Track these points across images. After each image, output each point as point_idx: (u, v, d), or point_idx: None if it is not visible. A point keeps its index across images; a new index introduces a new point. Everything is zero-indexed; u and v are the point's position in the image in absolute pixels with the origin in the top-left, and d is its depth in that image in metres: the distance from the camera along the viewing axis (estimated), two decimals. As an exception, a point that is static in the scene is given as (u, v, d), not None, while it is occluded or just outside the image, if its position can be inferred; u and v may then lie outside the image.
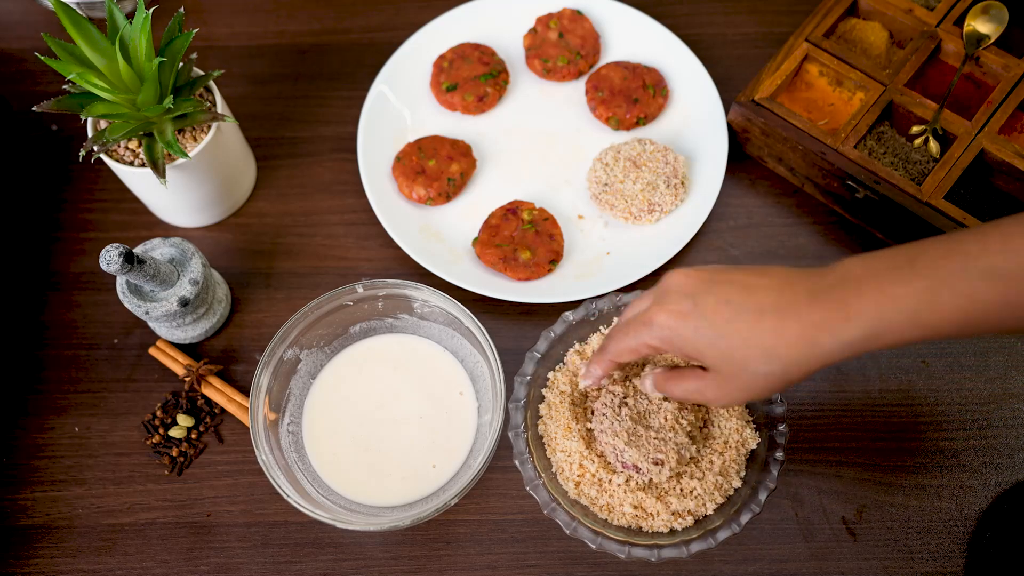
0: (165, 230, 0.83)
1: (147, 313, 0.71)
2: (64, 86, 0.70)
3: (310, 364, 0.73)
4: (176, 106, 0.69)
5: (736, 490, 0.66)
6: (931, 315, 0.49)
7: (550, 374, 0.71)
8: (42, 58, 0.66)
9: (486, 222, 0.80)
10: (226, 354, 0.78)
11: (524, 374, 0.69)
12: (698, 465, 0.66)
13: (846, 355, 0.51)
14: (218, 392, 0.75)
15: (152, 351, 0.77)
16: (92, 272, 0.81)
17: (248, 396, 0.73)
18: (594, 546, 0.64)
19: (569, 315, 0.71)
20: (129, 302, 0.71)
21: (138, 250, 0.72)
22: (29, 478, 0.73)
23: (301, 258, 0.82)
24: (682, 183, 0.80)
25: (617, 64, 0.86)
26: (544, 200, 0.82)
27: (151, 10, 0.69)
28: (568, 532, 0.64)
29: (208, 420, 0.75)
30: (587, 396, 0.69)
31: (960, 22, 0.79)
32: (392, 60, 0.87)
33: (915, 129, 0.77)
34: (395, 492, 0.70)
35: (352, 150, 0.85)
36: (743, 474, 0.67)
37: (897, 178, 0.74)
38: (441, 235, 0.81)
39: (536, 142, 0.85)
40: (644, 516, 0.65)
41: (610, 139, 0.85)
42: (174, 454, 0.73)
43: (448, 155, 0.82)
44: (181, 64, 0.72)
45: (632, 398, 0.66)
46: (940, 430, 0.72)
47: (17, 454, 0.74)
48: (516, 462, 0.66)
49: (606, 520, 0.66)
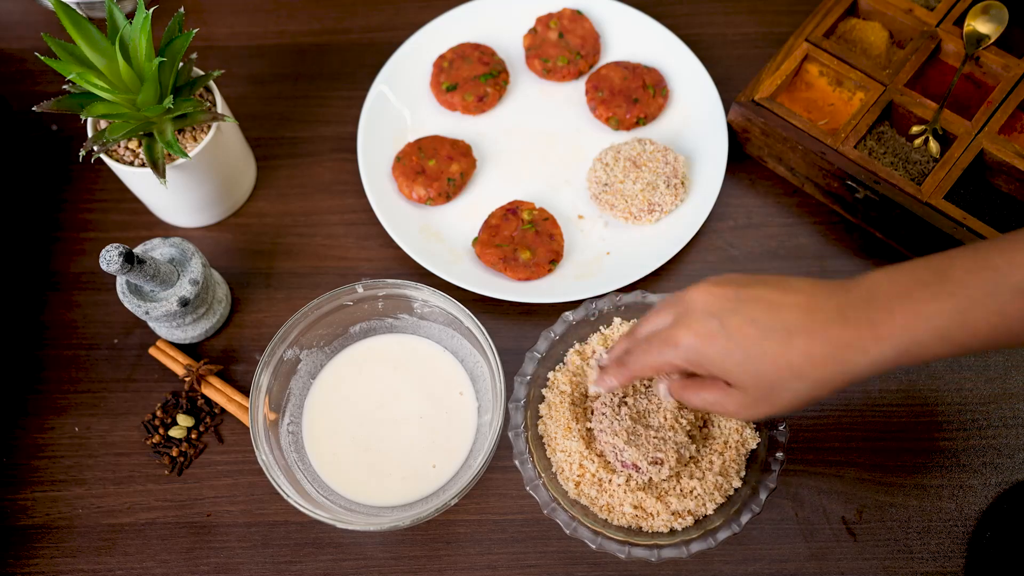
0: (165, 230, 0.83)
1: (147, 313, 0.71)
2: (64, 86, 0.70)
3: (310, 364, 0.73)
4: (176, 106, 0.69)
5: (736, 490, 0.66)
6: (962, 333, 0.50)
7: (550, 374, 0.71)
8: (42, 58, 0.66)
9: (486, 222, 0.80)
10: (226, 354, 0.78)
11: (524, 374, 0.69)
12: (698, 465, 0.66)
13: (875, 372, 0.52)
14: (218, 392, 0.75)
15: (152, 351, 0.77)
16: (92, 272, 0.81)
17: (248, 396, 0.73)
18: (594, 546, 0.64)
19: (569, 315, 0.71)
20: (129, 302, 0.71)
21: (138, 250, 0.72)
22: (29, 478, 0.73)
23: (301, 258, 0.82)
24: (682, 183, 0.80)
25: (617, 64, 0.86)
26: (544, 200, 0.82)
27: (151, 10, 0.69)
28: (568, 532, 0.64)
29: (208, 420, 0.75)
30: (587, 396, 0.69)
31: (960, 22, 0.79)
32: (392, 60, 0.87)
33: (915, 129, 0.77)
34: (395, 492, 0.70)
35: (352, 150, 0.85)
36: (743, 474, 0.67)
37: (897, 178, 0.74)
38: (441, 235, 0.81)
39: (536, 142, 0.85)
40: (644, 516, 0.65)
41: (610, 139, 0.85)
42: (174, 454, 0.73)
43: (448, 155, 0.82)
44: (181, 64, 0.72)
45: (632, 397, 0.67)
46: (940, 430, 0.72)
47: (17, 454, 0.74)
48: (516, 462, 0.66)
49: (606, 520, 0.66)
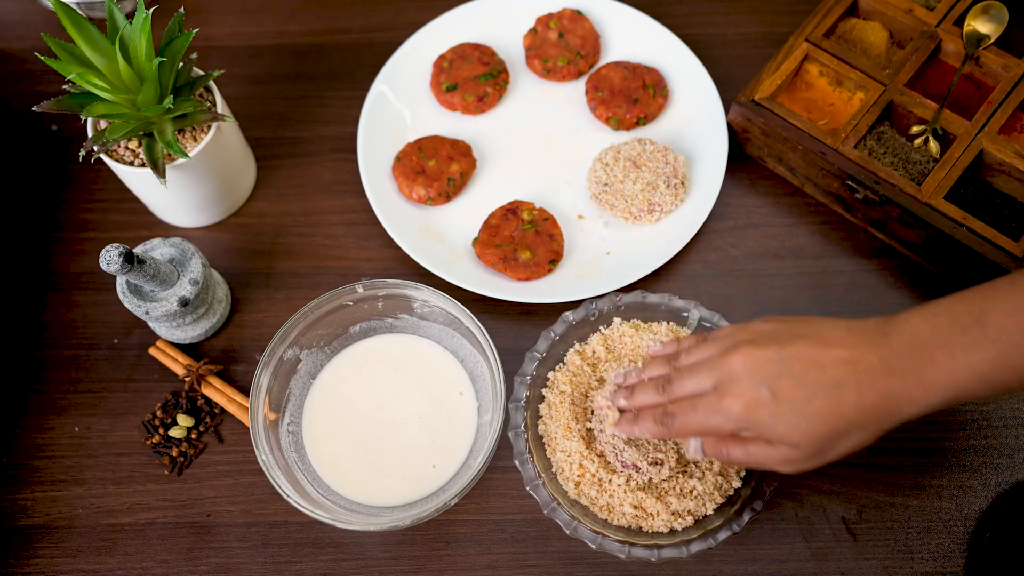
0: (165, 230, 0.83)
1: (147, 313, 0.71)
2: (64, 86, 0.70)
3: (310, 364, 0.73)
4: (176, 106, 0.69)
5: (736, 490, 0.66)
6: (1004, 376, 0.52)
7: (550, 374, 0.71)
8: (42, 58, 0.66)
9: (486, 222, 0.80)
10: (226, 354, 0.78)
11: (524, 374, 0.69)
12: (698, 465, 0.66)
13: (924, 415, 0.54)
14: (218, 392, 0.75)
15: (152, 351, 0.77)
16: (92, 272, 0.81)
17: (248, 396, 0.73)
18: (594, 546, 0.64)
19: (569, 315, 0.71)
20: (129, 302, 0.71)
21: (138, 250, 0.72)
22: (29, 478, 0.73)
23: (301, 258, 0.82)
24: (682, 183, 0.80)
25: (617, 64, 0.86)
26: (544, 200, 0.82)
27: (151, 10, 0.69)
28: (568, 532, 0.64)
29: (208, 420, 0.75)
30: (587, 396, 0.69)
31: (960, 22, 0.79)
32: (392, 60, 0.87)
33: (915, 129, 0.77)
34: (395, 492, 0.70)
35: (352, 150, 0.85)
36: (743, 474, 0.67)
37: (897, 178, 0.74)
38: (441, 235, 0.81)
39: (536, 142, 0.85)
40: (644, 516, 0.65)
41: (610, 139, 0.85)
42: (174, 454, 0.73)
43: (448, 155, 0.82)
44: (181, 64, 0.72)
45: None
46: (940, 430, 0.72)
47: (17, 454, 0.74)
48: (516, 462, 0.66)
49: (606, 520, 0.66)
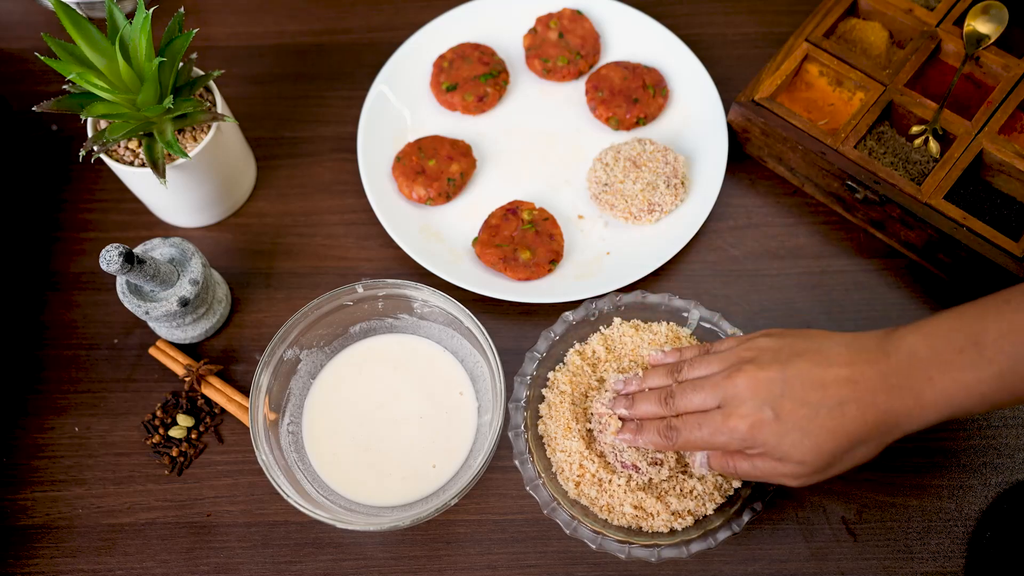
0: (165, 230, 0.83)
1: (147, 313, 0.71)
2: (64, 86, 0.70)
3: (310, 364, 0.73)
4: (176, 106, 0.69)
5: (736, 490, 0.66)
6: (999, 395, 0.54)
7: (550, 374, 0.71)
8: (42, 58, 0.66)
9: (486, 222, 0.80)
10: (226, 354, 0.78)
11: (524, 374, 0.69)
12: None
13: (923, 429, 0.57)
14: (218, 392, 0.75)
15: (152, 351, 0.77)
16: (92, 272, 0.81)
17: (248, 396, 0.73)
18: (594, 546, 0.64)
19: (569, 315, 0.71)
20: (129, 302, 0.71)
21: (138, 250, 0.72)
22: (29, 478, 0.73)
23: (301, 258, 0.82)
24: (682, 183, 0.80)
25: (617, 64, 0.86)
26: (544, 200, 0.82)
27: (151, 10, 0.69)
28: (568, 532, 0.64)
29: (208, 420, 0.75)
30: (587, 396, 0.69)
31: (960, 22, 0.79)
32: (392, 60, 0.87)
33: (915, 129, 0.77)
34: (395, 492, 0.70)
35: (352, 150, 0.85)
36: (743, 474, 0.67)
37: (897, 178, 0.74)
38: (441, 235, 0.81)
39: (536, 142, 0.85)
40: (644, 516, 0.65)
41: (610, 139, 0.85)
42: (174, 454, 0.73)
43: (448, 155, 0.82)
44: (181, 64, 0.72)
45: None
46: (940, 430, 0.72)
47: (17, 454, 0.74)
48: (516, 462, 0.66)
49: (606, 520, 0.66)
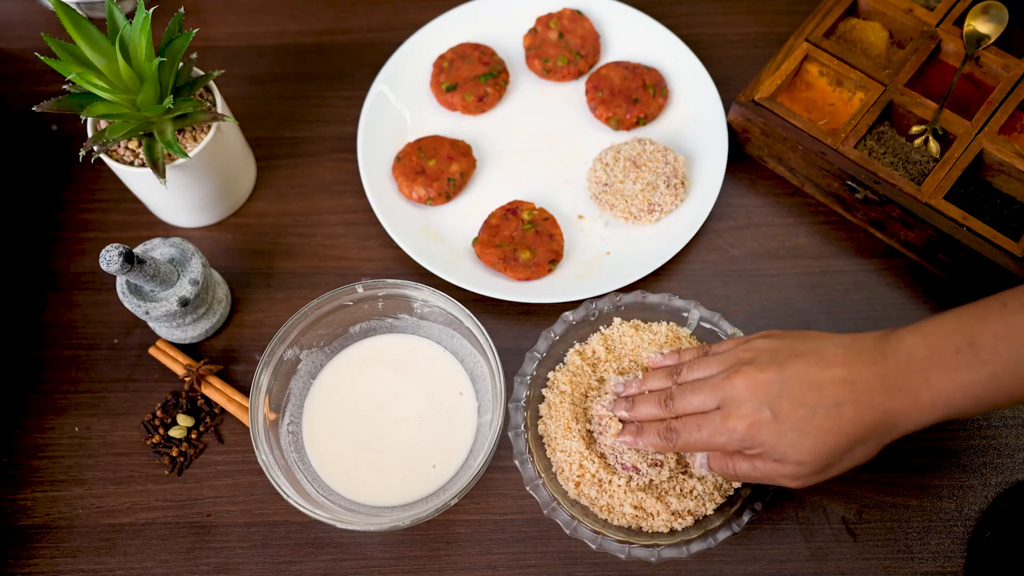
0: (165, 230, 0.83)
1: (147, 313, 0.71)
2: (64, 86, 0.70)
3: (310, 364, 0.73)
4: (176, 106, 0.69)
5: (736, 490, 0.66)
6: (996, 396, 0.55)
7: (550, 374, 0.71)
8: (42, 58, 0.66)
9: (486, 222, 0.80)
10: (226, 354, 0.78)
11: (524, 374, 0.69)
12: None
13: (920, 430, 0.57)
14: (218, 392, 0.75)
15: (152, 351, 0.77)
16: (92, 272, 0.81)
17: (248, 396, 0.73)
18: (594, 546, 0.64)
19: (569, 315, 0.71)
20: (129, 302, 0.71)
21: (138, 250, 0.72)
22: (29, 478, 0.73)
23: (301, 258, 0.82)
24: (682, 183, 0.80)
25: (617, 64, 0.86)
26: (544, 200, 0.82)
27: (151, 10, 0.69)
28: (568, 532, 0.64)
29: (208, 420, 0.75)
30: (587, 396, 0.69)
31: (960, 22, 0.79)
32: (392, 60, 0.87)
33: (915, 129, 0.77)
34: (395, 492, 0.70)
35: (352, 150, 0.85)
36: (743, 474, 0.67)
37: (897, 178, 0.74)
38: (441, 235, 0.81)
39: (536, 142, 0.85)
40: (644, 516, 0.65)
41: (610, 139, 0.85)
42: (174, 454, 0.73)
43: (448, 155, 0.82)
44: (181, 64, 0.72)
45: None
46: (940, 430, 0.72)
47: (17, 454, 0.74)
48: (516, 462, 0.66)
49: (606, 520, 0.66)
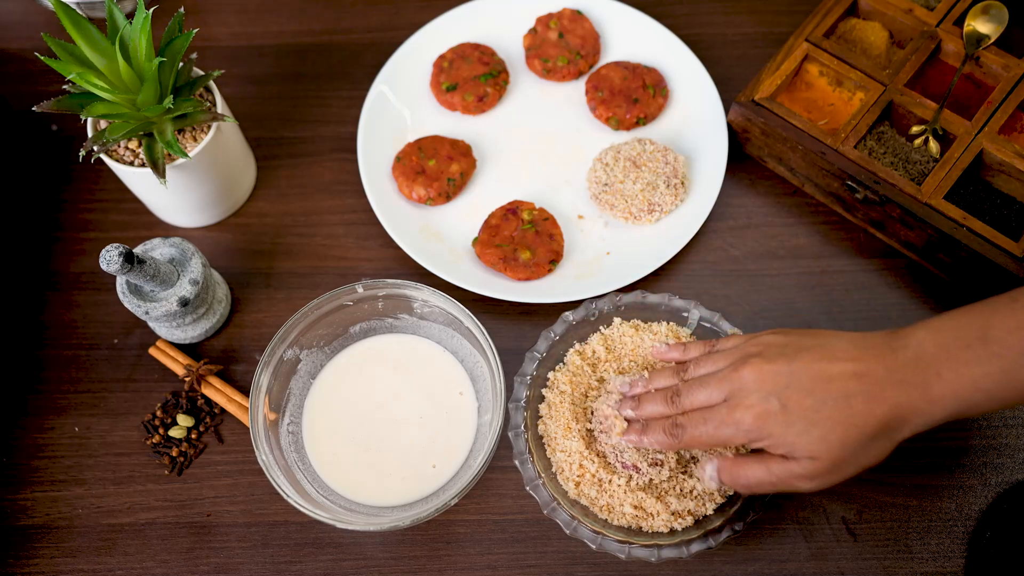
0: (165, 230, 0.83)
1: (147, 313, 0.71)
2: (64, 86, 0.70)
3: (310, 364, 0.73)
4: (176, 106, 0.69)
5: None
6: (1007, 392, 0.54)
7: (550, 374, 0.71)
8: (42, 58, 0.66)
9: (486, 222, 0.80)
10: (226, 354, 0.78)
11: (524, 374, 0.69)
12: (698, 465, 0.66)
13: (931, 427, 0.56)
14: (218, 392, 0.75)
15: (152, 351, 0.77)
16: (92, 272, 0.81)
17: (248, 396, 0.73)
18: (594, 546, 0.64)
19: (569, 315, 0.71)
20: (129, 302, 0.71)
21: (138, 250, 0.72)
22: (29, 478, 0.73)
23: (301, 258, 0.82)
24: (682, 183, 0.80)
25: (617, 64, 0.86)
26: (544, 200, 0.82)
27: (151, 10, 0.69)
28: (568, 532, 0.64)
29: (208, 420, 0.75)
30: (587, 396, 0.69)
31: (960, 22, 0.79)
32: (392, 60, 0.87)
33: (915, 129, 0.77)
34: (395, 492, 0.70)
35: (352, 150, 0.85)
36: (743, 474, 0.67)
37: (897, 178, 0.74)
38: (441, 235, 0.81)
39: (536, 142, 0.85)
40: (644, 516, 0.65)
41: (610, 139, 0.85)
42: (174, 454, 0.73)
43: (448, 155, 0.82)
44: (181, 64, 0.72)
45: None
46: (940, 430, 0.72)
47: (17, 454, 0.74)
48: (516, 462, 0.66)
49: (606, 520, 0.66)
